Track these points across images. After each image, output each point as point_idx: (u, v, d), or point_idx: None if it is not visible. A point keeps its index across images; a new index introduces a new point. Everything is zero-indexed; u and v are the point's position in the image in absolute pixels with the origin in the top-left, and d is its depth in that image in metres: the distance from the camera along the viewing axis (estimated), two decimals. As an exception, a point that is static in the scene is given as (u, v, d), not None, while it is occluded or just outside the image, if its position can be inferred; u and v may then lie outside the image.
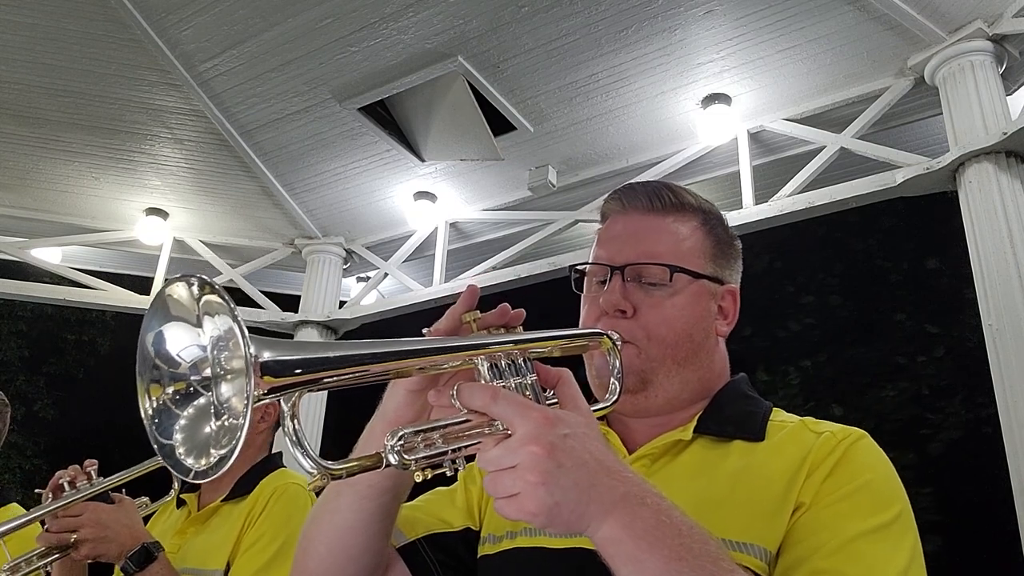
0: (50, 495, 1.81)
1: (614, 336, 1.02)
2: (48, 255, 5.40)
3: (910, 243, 10.72)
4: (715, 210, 1.18)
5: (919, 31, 3.57)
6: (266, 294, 5.55)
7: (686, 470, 1.02)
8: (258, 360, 0.64)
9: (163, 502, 2.09)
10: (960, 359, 9.51)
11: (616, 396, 1.00)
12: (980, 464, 8.16)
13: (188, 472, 0.68)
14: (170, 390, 0.71)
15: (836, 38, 3.69)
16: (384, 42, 3.90)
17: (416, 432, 0.77)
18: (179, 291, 0.69)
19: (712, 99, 4.08)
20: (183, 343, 0.70)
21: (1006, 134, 3.29)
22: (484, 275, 4.87)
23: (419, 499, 1.16)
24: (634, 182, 1.21)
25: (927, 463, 8.94)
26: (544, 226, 4.90)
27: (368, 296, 5.50)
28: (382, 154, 4.66)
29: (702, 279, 1.10)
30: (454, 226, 5.23)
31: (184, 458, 0.69)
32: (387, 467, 0.75)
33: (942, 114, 3.66)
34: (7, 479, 11.41)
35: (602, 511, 0.74)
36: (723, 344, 1.15)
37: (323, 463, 0.73)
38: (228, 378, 0.68)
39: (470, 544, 1.12)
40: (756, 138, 4.28)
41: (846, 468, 0.94)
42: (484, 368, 0.85)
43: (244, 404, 0.63)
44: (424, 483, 0.80)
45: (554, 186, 4.65)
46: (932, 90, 3.75)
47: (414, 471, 0.76)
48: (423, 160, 4.64)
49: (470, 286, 0.91)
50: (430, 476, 0.78)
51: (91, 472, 1.83)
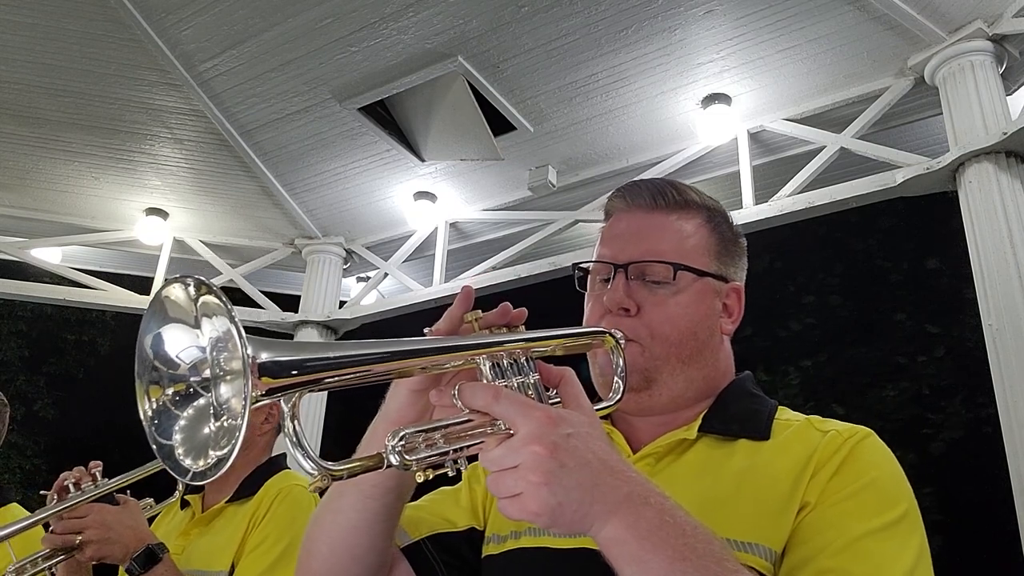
0: (55, 496, 1.81)
1: (617, 334, 1.02)
2: (48, 255, 5.40)
3: (910, 243, 10.72)
4: (719, 207, 1.17)
5: (919, 31, 3.57)
6: (266, 294, 5.55)
7: (691, 469, 1.01)
8: (256, 361, 0.64)
9: (167, 503, 2.09)
10: (960, 359, 9.51)
11: (620, 395, 1.00)
12: (980, 464, 8.17)
13: (186, 473, 0.68)
14: (170, 391, 0.70)
15: (836, 38, 3.69)
16: (384, 42, 3.90)
17: (417, 432, 0.76)
18: (176, 292, 0.69)
19: (712, 99, 4.08)
20: (182, 344, 0.70)
21: (1006, 134, 3.29)
22: (484, 275, 4.87)
23: (423, 499, 1.15)
24: (638, 179, 1.19)
25: (928, 463, 8.94)
26: (544, 226, 4.89)
27: (368, 296, 5.50)
28: (382, 154, 4.66)
29: (706, 277, 1.09)
30: (454, 226, 5.23)
31: (183, 459, 0.68)
32: (388, 468, 0.74)
33: (942, 114, 3.66)
34: (7, 479, 11.41)
35: (605, 511, 0.73)
36: (728, 342, 1.14)
37: (323, 464, 0.72)
38: (227, 379, 0.67)
39: (474, 544, 1.11)
40: (756, 138, 4.27)
41: (852, 467, 0.93)
42: (486, 367, 0.84)
43: (242, 405, 0.63)
44: (428, 483, 0.79)
45: (554, 186, 4.65)
46: (932, 90, 3.75)
47: (415, 471, 0.76)
48: (423, 160, 4.64)
49: (465, 287, 0.92)
50: (431, 476, 0.77)
51: (96, 474, 1.83)
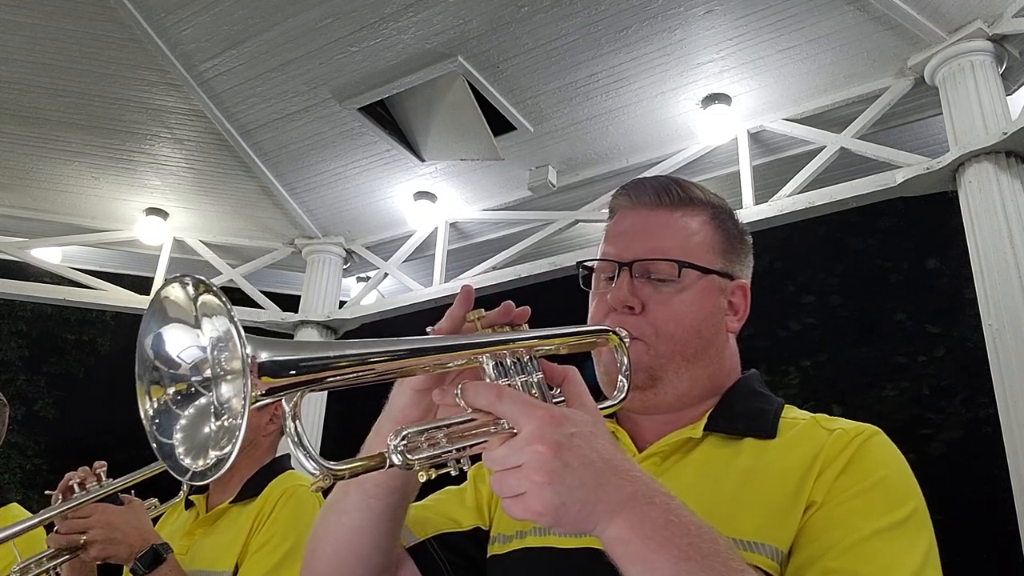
0: (60, 496, 1.81)
1: (622, 333, 1.01)
2: (48, 255, 5.40)
3: (910, 243, 10.73)
4: (725, 204, 1.16)
5: (919, 31, 3.57)
6: (266, 294, 5.55)
7: (696, 468, 1.01)
8: (255, 360, 0.64)
9: (172, 504, 2.09)
10: (960, 359, 9.51)
11: (624, 393, 0.99)
12: (980, 464, 8.17)
13: (186, 472, 0.67)
14: (171, 391, 0.70)
15: (836, 38, 3.69)
16: (384, 42, 3.90)
17: (420, 431, 0.76)
18: (175, 292, 0.68)
19: (712, 99, 4.07)
20: (183, 344, 0.69)
21: (1006, 134, 3.29)
22: (484, 275, 4.86)
23: (428, 498, 1.14)
24: (643, 177, 1.19)
25: (927, 463, 8.94)
26: (544, 226, 4.89)
27: (368, 296, 5.49)
28: (382, 154, 4.66)
29: (711, 274, 1.08)
30: (454, 226, 5.23)
31: (183, 458, 0.68)
32: (391, 467, 0.74)
33: (942, 114, 3.66)
34: (7, 479, 11.42)
35: (610, 511, 0.73)
36: (733, 340, 1.13)
37: (325, 464, 0.72)
38: (228, 378, 0.67)
39: (480, 544, 1.11)
40: (756, 138, 4.27)
41: (859, 465, 0.93)
42: (489, 366, 0.84)
43: (242, 405, 0.63)
44: (433, 482, 0.79)
45: (554, 186, 4.65)
46: (932, 90, 3.74)
47: (418, 471, 0.75)
48: (423, 160, 4.64)
49: (464, 286, 0.91)
50: (434, 476, 0.76)
51: (100, 474, 1.83)
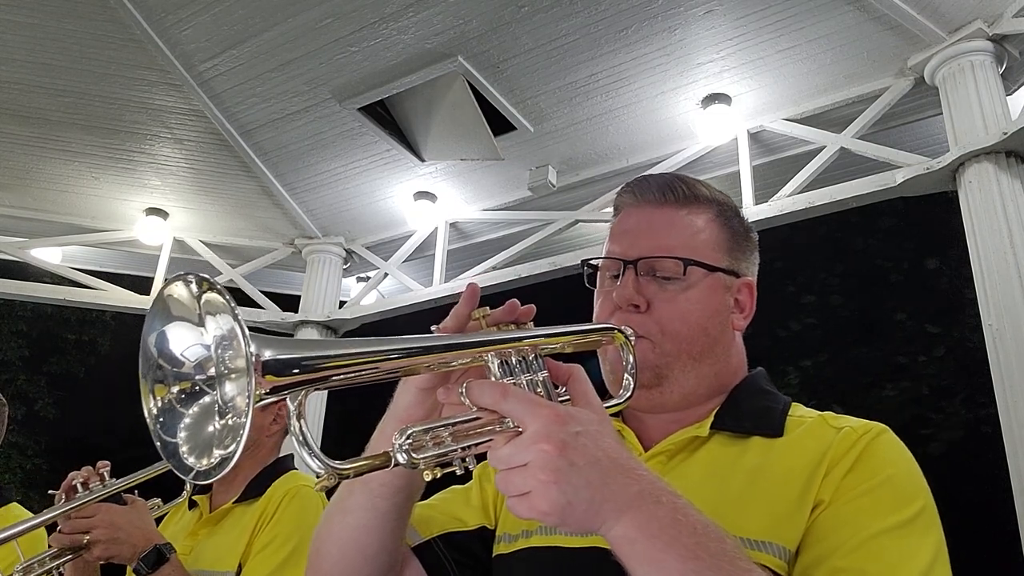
0: (63, 496, 1.81)
1: (627, 331, 1.00)
2: (48, 255, 5.40)
3: (910, 243, 10.73)
4: (730, 202, 1.16)
5: (919, 31, 3.57)
6: (266, 294, 5.55)
7: (703, 467, 1.00)
8: (259, 359, 0.63)
9: (175, 504, 2.09)
10: (960, 359, 9.52)
11: (630, 392, 0.98)
12: (980, 464, 8.17)
13: (190, 471, 0.67)
14: (175, 389, 0.69)
15: (836, 38, 3.69)
16: (384, 42, 3.90)
17: (425, 430, 0.75)
18: (178, 290, 0.68)
19: (712, 99, 4.07)
20: (187, 342, 0.69)
21: (1006, 134, 3.29)
22: (484, 275, 4.86)
23: (434, 498, 1.14)
24: (647, 174, 1.18)
25: (927, 463, 8.78)
26: (544, 226, 4.89)
27: (368, 296, 5.50)
28: (382, 154, 4.66)
29: (717, 272, 1.08)
30: (454, 226, 5.23)
31: (186, 457, 0.68)
32: (395, 466, 0.73)
33: (942, 114, 3.66)
34: (8, 479, 11.41)
35: (616, 510, 0.72)
36: (740, 338, 1.13)
37: (330, 463, 0.71)
38: (232, 377, 0.66)
39: (486, 543, 1.10)
40: (756, 138, 4.27)
41: (867, 464, 0.92)
42: (494, 365, 0.83)
43: (246, 403, 0.62)
44: (438, 482, 0.78)
45: (554, 186, 4.65)
46: (932, 90, 3.74)
47: (423, 470, 0.74)
48: (423, 160, 4.64)
49: (470, 284, 0.90)
50: (439, 475, 0.76)
51: (103, 473, 1.83)
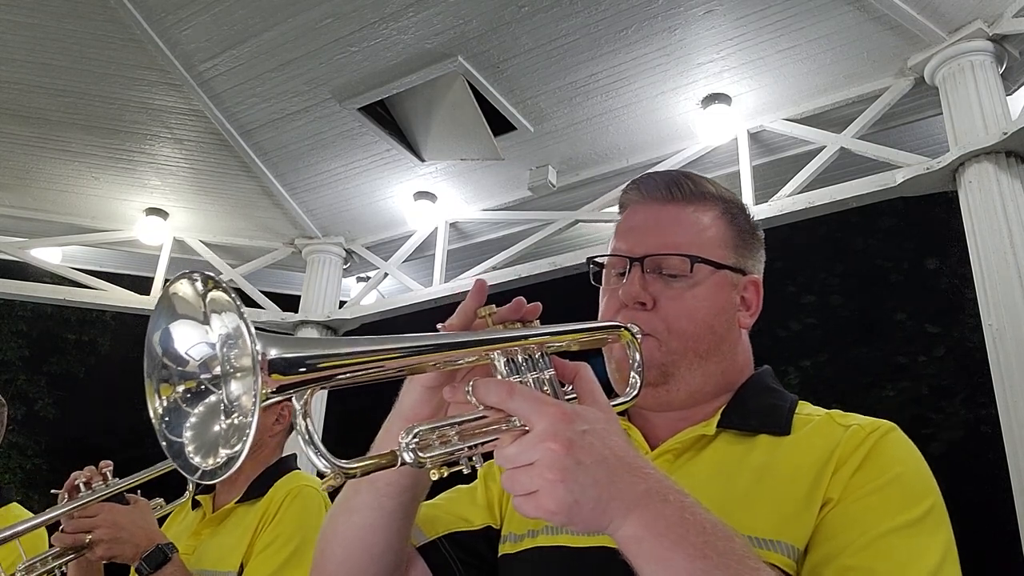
0: (66, 496, 1.81)
1: (633, 329, 0.99)
2: (48, 255, 5.40)
3: (910, 243, 10.74)
4: (736, 199, 1.15)
5: (919, 31, 3.57)
6: (266, 294, 5.55)
7: (710, 466, 1.00)
8: (266, 358, 0.63)
9: (178, 503, 2.10)
10: (960, 359, 9.52)
11: (637, 390, 0.97)
12: (980, 464, 8.17)
13: (196, 471, 0.66)
14: (180, 388, 0.69)
15: (836, 38, 3.69)
16: (384, 42, 3.90)
17: (432, 429, 0.75)
18: (184, 288, 0.67)
19: (712, 99, 4.07)
20: (191, 341, 0.68)
21: (1006, 134, 3.29)
22: (484, 275, 4.85)
23: (439, 497, 1.13)
24: (653, 171, 1.17)
25: (927, 463, 8.94)
26: (544, 226, 4.89)
27: (368, 296, 5.50)
28: (382, 154, 4.66)
29: (724, 269, 1.07)
30: (454, 226, 5.23)
31: (192, 457, 0.67)
32: (402, 465, 0.73)
33: (942, 114, 3.66)
34: (8, 479, 11.41)
35: (623, 509, 0.72)
36: (746, 336, 1.12)
37: (337, 462, 0.70)
38: (238, 376, 0.66)
39: (491, 542, 1.10)
40: (756, 138, 4.27)
41: (876, 462, 0.92)
42: (500, 363, 0.83)
43: (252, 402, 0.62)
44: (443, 481, 0.78)
45: (554, 186, 4.65)
46: (932, 90, 3.74)
47: (430, 469, 0.74)
48: (423, 160, 4.64)
49: (478, 281, 0.89)
50: (447, 474, 0.76)
51: (106, 473, 1.83)
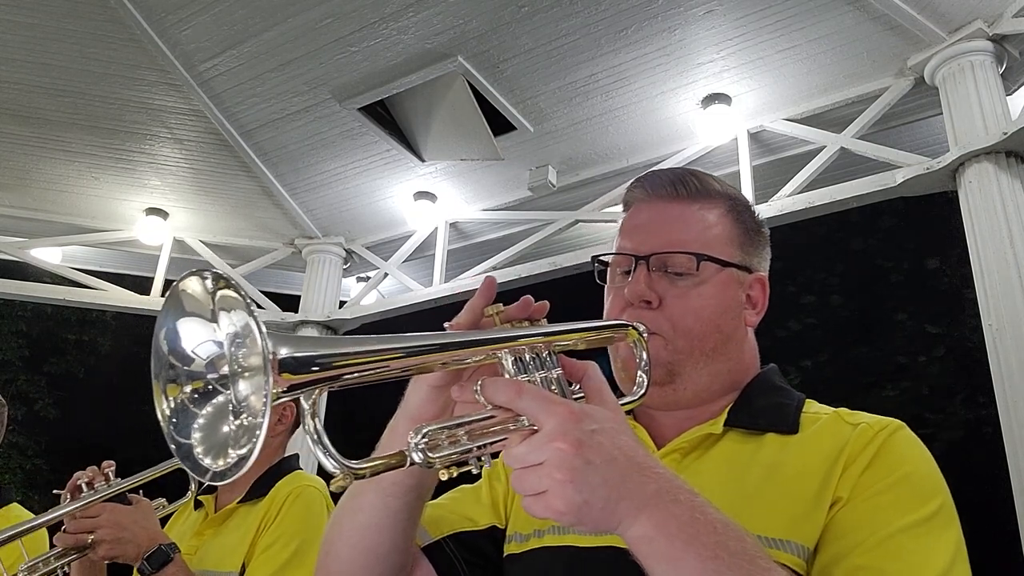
0: (68, 496, 1.81)
1: (640, 327, 0.99)
2: (48, 255, 5.40)
3: (910, 243, 10.74)
4: (742, 197, 1.15)
5: (919, 31, 3.57)
6: (266, 294, 5.55)
7: (718, 465, 0.99)
8: (276, 357, 0.62)
9: (180, 504, 2.10)
10: (960, 359, 9.52)
11: (644, 389, 0.97)
12: (980, 464, 8.17)
13: (206, 473, 0.66)
14: (188, 389, 0.68)
15: (836, 38, 3.69)
16: (384, 42, 3.90)
17: (441, 429, 0.74)
18: (193, 285, 0.66)
19: (712, 99, 4.07)
20: (199, 339, 0.67)
21: (1006, 134, 3.29)
22: (484, 275, 4.85)
23: (443, 497, 1.13)
24: (658, 169, 1.16)
25: (929, 463, 8.93)
26: (544, 226, 4.89)
27: (368, 296, 5.50)
28: (382, 154, 4.66)
29: (730, 267, 1.07)
30: (454, 226, 5.23)
31: (202, 458, 0.66)
32: (411, 465, 0.72)
33: (942, 114, 3.66)
34: (8, 479, 11.40)
35: (633, 509, 0.71)
36: (752, 334, 1.12)
37: (346, 462, 0.70)
38: (246, 375, 0.65)
39: (497, 542, 1.09)
40: (756, 138, 4.27)
41: (885, 460, 0.91)
42: (508, 362, 0.82)
43: (263, 402, 0.61)
44: (448, 481, 0.78)
45: (554, 186, 4.65)
46: (932, 90, 3.74)
47: (439, 469, 0.74)
48: (423, 160, 4.64)
49: (488, 278, 0.89)
50: (456, 474, 0.75)
51: (108, 473, 1.83)
